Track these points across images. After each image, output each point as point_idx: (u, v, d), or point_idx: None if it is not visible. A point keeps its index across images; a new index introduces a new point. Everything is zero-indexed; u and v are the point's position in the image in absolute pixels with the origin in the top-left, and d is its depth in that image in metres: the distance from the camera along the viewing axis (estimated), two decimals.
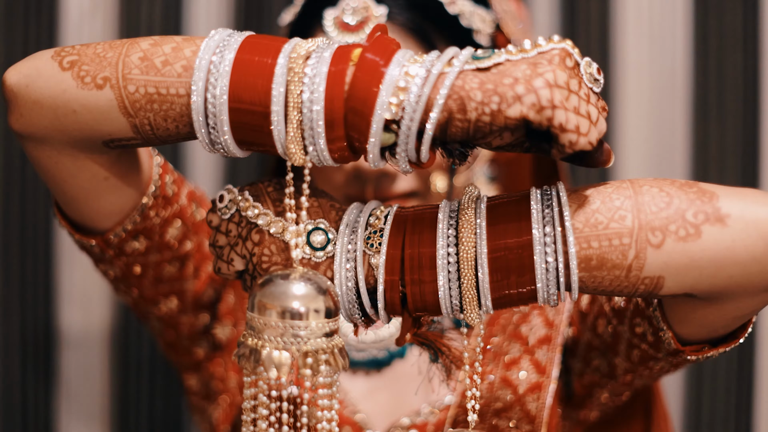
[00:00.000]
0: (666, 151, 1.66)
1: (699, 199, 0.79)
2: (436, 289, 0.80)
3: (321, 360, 0.77)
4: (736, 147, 1.64)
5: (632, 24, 1.65)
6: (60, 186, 0.92)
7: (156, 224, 1.01)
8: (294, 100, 0.77)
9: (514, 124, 0.75)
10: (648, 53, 1.65)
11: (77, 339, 1.65)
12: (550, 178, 1.29)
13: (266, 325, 0.77)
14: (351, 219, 0.84)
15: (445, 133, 0.77)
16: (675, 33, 1.64)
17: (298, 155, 0.78)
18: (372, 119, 0.76)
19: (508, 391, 1.09)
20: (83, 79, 0.82)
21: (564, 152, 0.76)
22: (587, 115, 0.76)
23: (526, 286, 0.80)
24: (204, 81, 0.79)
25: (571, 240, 0.78)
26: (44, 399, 1.65)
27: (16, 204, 1.62)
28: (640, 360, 1.01)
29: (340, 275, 0.82)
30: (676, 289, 0.81)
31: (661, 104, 1.65)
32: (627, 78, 1.65)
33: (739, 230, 0.78)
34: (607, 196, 0.80)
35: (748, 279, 0.80)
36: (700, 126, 1.64)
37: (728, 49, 1.63)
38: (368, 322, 0.85)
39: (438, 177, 1.13)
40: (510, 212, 0.81)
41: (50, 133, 0.85)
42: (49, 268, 1.64)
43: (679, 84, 1.64)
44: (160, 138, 0.83)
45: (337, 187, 1.14)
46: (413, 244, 0.81)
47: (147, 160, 0.97)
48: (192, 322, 1.16)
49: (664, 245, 0.78)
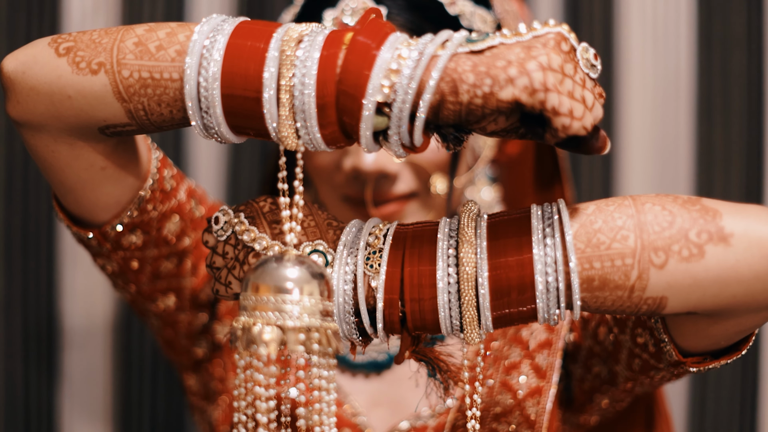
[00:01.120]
0: (670, 152, 1.65)
1: (702, 218, 0.78)
2: (436, 307, 0.80)
3: (313, 338, 0.76)
4: (740, 148, 1.63)
5: (636, 24, 1.64)
6: (57, 176, 0.92)
7: (153, 218, 1.01)
8: (286, 84, 0.76)
9: (506, 107, 0.75)
10: (652, 54, 1.64)
11: (80, 337, 1.66)
12: (552, 180, 1.29)
13: (258, 303, 0.76)
14: (349, 239, 0.83)
15: (437, 116, 0.76)
16: (679, 34, 1.63)
17: (291, 139, 0.78)
18: (363, 102, 0.75)
19: (507, 395, 1.08)
20: (78, 64, 0.82)
21: (557, 137, 0.75)
22: (582, 100, 0.75)
23: (526, 305, 0.79)
24: (197, 65, 0.79)
25: (573, 261, 0.78)
26: (47, 397, 1.66)
27: (18, 202, 1.62)
28: (641, 369, 1.00)
29: (338, 297, 0.82)
30: (679, 308, 0.80)
31: (665, 105, 1.64)
32: (631, 78, 1.64)
33: (743, 250, 0.78)
34: (609, 215, 0.79)
35: (752, 297, 0.79)
36: (704, 127, 1.64)
37: (732, 49, 1.62)
38: (366, 341, 0.84)
39: (438, 178, 1.12)
40: (511, 230, 0.80)
41: (47, 120, 0.85)
42: (51, 266, 1.64)
43: (683, 84, 1.64)
44: (154, 124, 0.83)
45: (336, 187, 1.14)
46: (413, 262, 0.81)
47: (145, 153, 0.97)
48: (190, 321, 1.15)
49: (667, 266, 0.78)
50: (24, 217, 1.63)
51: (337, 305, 0.82)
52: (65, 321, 1.65)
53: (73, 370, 1.66)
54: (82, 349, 1.66)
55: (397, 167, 1.11)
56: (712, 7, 1.62)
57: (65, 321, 1.65)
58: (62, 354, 1.66)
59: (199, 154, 1.66)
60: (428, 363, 0.86)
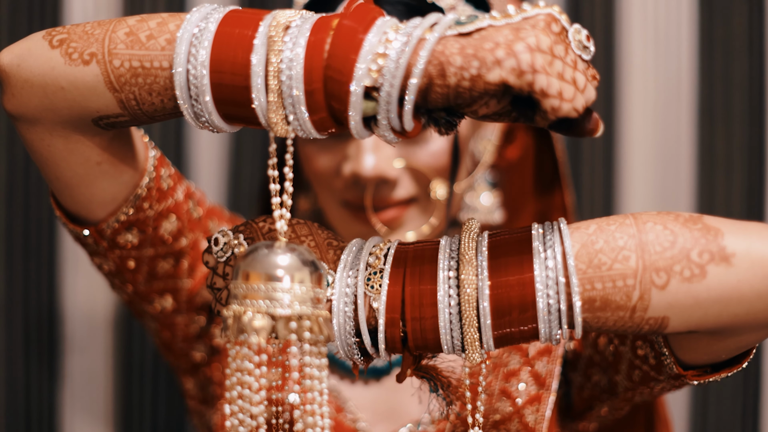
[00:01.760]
0: (671, 156, 1.65)
1: (704, 237, 0.78)
2: (437, 326, 0.79)
3: (304, 326, 0.75)
4: (742, 152, 1.62)
5: (637, 29, 1.64)
6: (53, 171, 0.92)
7: (150, 217, 1.00)
8: (273, 70, 0.76)
9: (494, 89, 0.74)
10: (653, 58, 1.64)
11: (81, 340, 1.66)
12: (552, 185, 1.29)
13: (249, 291, 0.76)
14: (349, 260, 0.83)
15: (426, 99, 0.76)
16: (680, 38, 1.63)
17: (280, 126, 0.78)
18: (350, 87, 0.75)
19: (507, 402, 1.08)
20: (71, 55, 0.83)
21: (547, 119, 0.75)
22: (573, 81, 0.74)
23: (528, 324, 0.79)
24: (186, 53, 0.79)
25: (575, 283, 0.77)
26: (48, 399, 1.66)
27: (19, 205, 1.62)
28: (642, 380, 1.00)
29: (338, 318, 0.81)
30: (681, 328, 0.80)
31: (666, 109, 1.64)
32: (632, 83, 1.64)
33: (745, 270, 0.77)
34: (611, 234, 0.79)
35: (753, 316, 0.79)
36: (706, 130, 1.63)
37: (733, 54, 1.61)
38: (367, 360, 0.84)
39: (438, 184, 1.12)
40: (512, 249, 0.80)
41: (41, 113, 0.86)
42: (52, 268, 1.64)
43: (684, 88, 1.63)
44: (146, 114, 0.84)
45: (336, 193, 1.13)
46: (414, 281, 0.80)
47: (142, 150, 0.97)
48: (187, 323, 1.15)
49: (668, 286, 0.77)
50: (25, 219, 1.62)
51: (337, 326, 0.81)
52: (66, 323, 1.65)
53: (74, 372, 1.66)
54: (83, 351, 1.66)
55: (396, 173, 1.10)
56: (714, 11, 1.61)
57: (66, 323, 1.65)
58: (63, 356, 1.66)
59: (200, 157, 1.66)
60: (430, 379, 0.85)
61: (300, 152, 1.14)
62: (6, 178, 1.62)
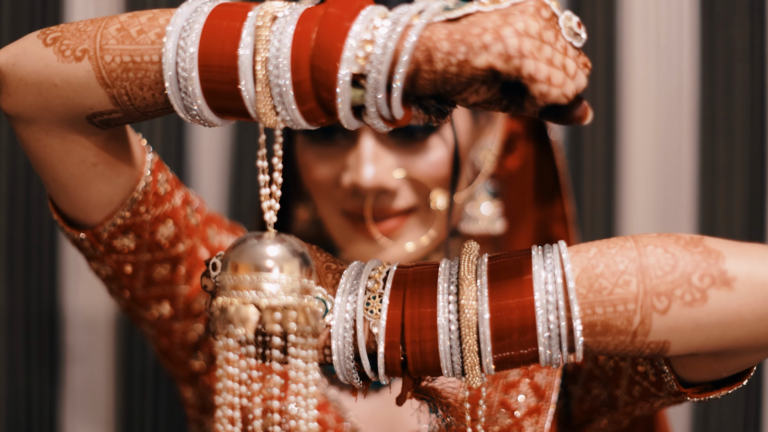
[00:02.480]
0: (672, 166, 1.64)
1: (705, 261, 0.77)
2: (437, 349, 0.79)
3: (291, 317, 0.75)
4: (743, 161, 1.62)
5: (639, 38, 1.64)
6: (50, 172, 0.92)
7: (146, 221, 1.00)
8: (261, 60, 0.76)
9: (482, 74, 0.74)
10: (654, 67, 1.64)
11: (82, 349, 1.65)
12: (552, 195, 1.28)
13: (237, 282, 0.75)
14: (348, 285, 0.82)
15: (414, 86, 0.76)
16: (681, 47, 1.63)
17: (269, 116, 0.77)
18: (337, 76, 0.74)
19: (506, 414, 1.07)
20: (64, 52, 0.84)
21: (536, 105, 0.74)
22: (562, 67, 0.74)
23: (528, 347, 0.78)
24: (175, 46, 0.79)
25: (576, 309, 0.77)
26: (49, 409, 1.65)
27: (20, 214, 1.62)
28: (641, 396, 1.00)
29: (338, 343, 0.80)
30: (682, 351, 0.79)
31: (668, 118, 1.63)
32: (633, 92, 1.64)
33: (746, 294, 0.77)
34: (611, 258, 0.78)
35: (755, 339, 0.79)
36: (706, 140, 1.63)
37: (735, 63, 1.61)
38: (366, 384, 0.83)
39: (438, 194, 1.12)
40: (512, 272, 0.79)
41: (36, 111, 0.86)
42: (53, 278, 1.64)
43: (686, 98, 1.63)
44: (139, 109, 0.84)
45: (336, 202, 1.13)
46: (413, 304, 0.80)
47: (139, 154, 0.97)
48: (185, 330, 1.15)
49: (669, 311, 0.77)
50: (26, 227, 1.62)
51: (336, 351, 0.80)
52: (67, 331, 1.65)
53: (75, 380, 1.66)
54: (84, 359, 1.66)
55: (396, 183, 1.10)
56: (715, 20, 1.61)
57: (67, 331, 1.65)
58: (64, 364, 1.66)
59: (201, 165, 1.66)
60: (430, 401, 0.85)
61: (299, 161, 1.14)
62: (7, 186, 1.62)
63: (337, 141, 1.10)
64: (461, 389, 0.85)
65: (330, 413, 1.12)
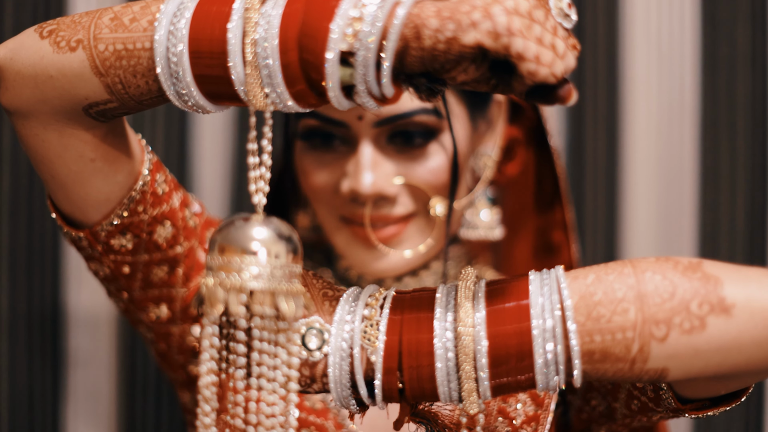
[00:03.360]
0: (674, 172, 1.64)
1: (703, 287, 0.77)
2: (434, 375, 0.78)
3: (276, 300, 0.75)
4: (746, 168, 1.62)
5: (640, 44, 1.64)
6: (48, 169, 0.93)
7: (144, 221, 1.01)
8: (249, 42, 0.77)
9: (470, 52, 0.74)
10: (656, 74, 1.64)
11: (84, 355, 1.65)
12: (553, 202, 1.28)
13: (223, 264, 0.76)
14: (345, 313, 0.82)
15: (403, 64, 0.75)
16: (683, 53, 1.63)
17: (259, 99, 0.78)
18: (325, 54, 0.74)
19: (504, 422, 1.07)
20: (59, 44, 0.85)
21: (524, 84, 0.74)
22: (551, 47, 0.74)
23: (525, 373, 0.78)
24: (166, 32, 0.80)
25: (573, 335, 0.76)
26: (52, 415, 1.65)
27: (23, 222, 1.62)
28: (640, 410, 0.99)
29: (335, 373, 0.80)
30: (681, 377, 0.79)
31: (670, 125, 1.63)
32: (636, 99, 1.64)
33: (745, 321, 0.76)
34: (609, 285, 0.78)
35: (754, 364, 0.78)
36: (709, 146, 1.62)
37: (737, 69, 1.61)
38: (363, 410, 0.83)
39: (437, 201, 1.11)
40: (509, 298, 0.79)
41: (34, 105, 0.87)
42: (56, 284, 1.64)
43: (688, 104, 1.63)
44: (133, 97, 0.84)
45: (335, 209, 1.13)
46: (411, 329, 0.79)
47: (138, 153, 0.98)
48: (182, 334, 1.15)
49: (668, 339, 0.76)
50: (29, 232, 1.62)
51: (333, 380, 0.80)
52: (70, 339, 1.65)
53: (78, 385, 1.66)
54: (87, 364, 1.66)
55: (395, 190, 1.10)
56: (717, 26, 1.61)
57: (70, 339, 1.65)
58: (67, 369, 1.66)
59: (204, 168, 1.66)
60: (428, 424, 0.85)
61: (298, 168, 1.14)
62: (9, 189, 1.62)
63: (336, 148, 1.10)
64: (458, 413, 0.85)
65: (329, 420, 1.12)
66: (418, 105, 1.05)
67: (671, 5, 1.63)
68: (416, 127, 1.06)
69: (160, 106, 1.63)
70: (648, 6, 1.63)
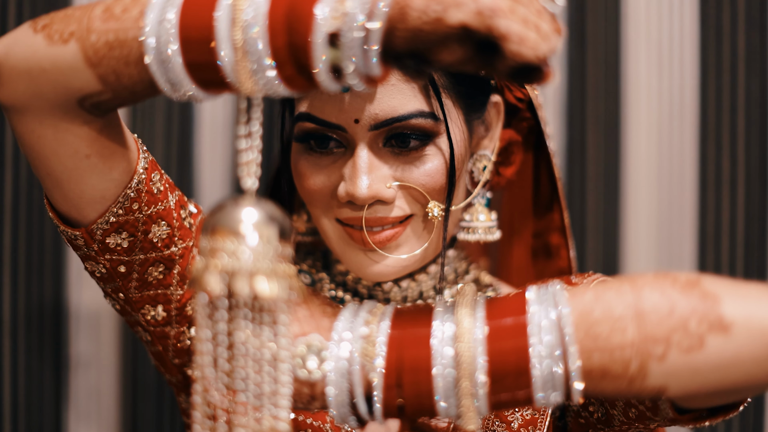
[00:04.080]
0: (675, 176, 1.64)
1: (702, 305, 0.77)
2: (432, 391, 0.78)
3: (268, 282, 0.75)
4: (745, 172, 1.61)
5: (641, 50, 1.64)
6: (44, 166, 0.94)
7: (139, 219, 1.01)
8: (238, 27, 0.77)
9: (455, 32, 0.74)
10: (656, 78, 1.64)
11: (86, 358, 1.66)
12: (550, 204, 1.28)
13: (215, 246, 0.76)
14: (343, 331, 0.82)
15: (390, 44, 0.76)
16: (683, 58, 1.63)
17: (248, 83, 0.78)
18: (312, 36, 0.75)
19: (502, 426, 1.07)
20: (52, 37, 0.86)
21: (508, 64, 0.75)
22: (535, 29, 0.74)
23: (523, 390, 0.78)
24: (156, 20, 0.81)
25: (572, 353, 0.76)
26: (54, 418, 1.66)
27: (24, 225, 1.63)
28: (637, 418, 0.99)
29: (335, 391, 0.80)
30: (680, 394, 0.79)
31: (670, 128, 1.63)
32: (636, 103, 1.63)
33: (744, 339, 0.76)
34: (607, 303, 0.78)
35: (753, 381, 0.78)
36: (709, 151, 1.62)
37: (737, 73, 1.61)
38: (362, 426, 0.83)
39: (434, 204, 1.11)
40: (508, 314, 0.79)
41: (29, 99, 0.88)
42: (58, 288, 1.65)
43: (688, 108, 1.63)
44: (127, 88, 0.85)
45: (331, 212, 1.13)
46: (409, 346, 0.79)
47: (134, 151, 0.99)
48: (178, 336, 1.15)
49: (667, 357, 0.76)
50: (30, 236, 1.63)
51: (333, 398, 0.80)
52: (71, 342, 1.66)
53: (80, 388, 1.67)
54: (89, 367, 1.66)
55: (391, 193, 1.10)
56: (716, 31, 1.61)
57: (71, 342, 1.66)
58: (69, 372, 1.66)
59: (204, 170, 1.66)
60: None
61: (294, 171, 1.14)
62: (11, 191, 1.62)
63: (332, 151, 1.10)
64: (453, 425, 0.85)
65: (327, 423, 1.12)
66: (414, 108, 1.05)
67: (671, 10, 1.63)
68: (412, 130, 1.06)
69: (160, 106, 1.63)
70: (648, 11, 1.63)
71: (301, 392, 0.81)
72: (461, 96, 1.10)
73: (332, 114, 1.06)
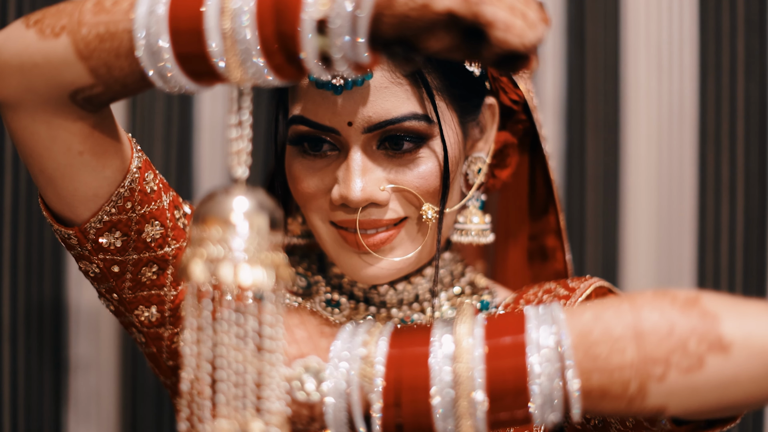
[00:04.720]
0: (674, 179, 1.64)
1: (701, 324, 0.76)
2: (431, 411, 0.78)
3: (258, 272, 0.75)
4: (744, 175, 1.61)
5: (640, 53, 1.64)
6: (37, 162, 0.94)
7: (132, 219, 1.02)
8: (227, 16, 0.78)
9: (441, 19, 0.74)
10: (656, 81, 1.63)
11: (86, 361, 1.66)
12: (546, 206, 1.27)
13: (205, 235, 0.76)
14: (341, 351, 0.82)
15: (377, 31, 0.76)
16: (682, 61, 1.62)
17: (237, 73, 0.79)
18: (300, 24, 0.75)
19: None
20: (44, 32, 0.86)
21: (494, 52, 0.75)
22: (522, 17, 0.74)
23: (521, 409, 0.78)
24: (147, 12, 0.81)
25: (571, 374, 0.76)
26: (54, 421, 1.66)
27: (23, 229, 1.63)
28: (634, 427, 0.99)
29: (333, 412, 0.80)
30: (679, 413, 0.79)
31: (669, 132, 1.63)
32: (635, 106, 1.63)
33: (743, 359, 0.76)
34: (606, 323, 0.78)
35: (752, 400, 0.78)
36: (708, 154, 1.62)
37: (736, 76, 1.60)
38: None
39: (428, 206, 1.11)
40: (507, 332, 0.79)
41: (21, 94, 0.89)
42: (58, 291, 1.65)
43: (687, 112, 1.62)
44: (118, 80, 0.86)
45: (325, 215, 1.13)
46: (408, 365, 0.79)
47: (127, 150, 0.99)
48: (171, 337, 1.15)
49: (666, 378, 0.76)
50: (28, 241, 1.63)
51: (332, 417, 0.80)
52: (71, 344, 1.66)
53: (80, 390, 1.67)
54: (89, 369, 1.67)
55: (385, 196, 1.09)
56: (716, 35, 1.60)
57: (71, 344, 1.66)
58: (69, 374, 1.66)
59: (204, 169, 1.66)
60: None
61: (288, 173, 1.14)
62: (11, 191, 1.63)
63: (326, 153, 1.10)
64: None
65: None
66: (407, 111, 1.05)
67: (671, 13, 1.62)
68: (406, 132, 1.06)
69: (159, 108, 1.63)
70: (648, 14, 1.63)
71: (300, 414, 0.80)
72: (455, 98, 1.10)
73: (326, 117, 1.06)
